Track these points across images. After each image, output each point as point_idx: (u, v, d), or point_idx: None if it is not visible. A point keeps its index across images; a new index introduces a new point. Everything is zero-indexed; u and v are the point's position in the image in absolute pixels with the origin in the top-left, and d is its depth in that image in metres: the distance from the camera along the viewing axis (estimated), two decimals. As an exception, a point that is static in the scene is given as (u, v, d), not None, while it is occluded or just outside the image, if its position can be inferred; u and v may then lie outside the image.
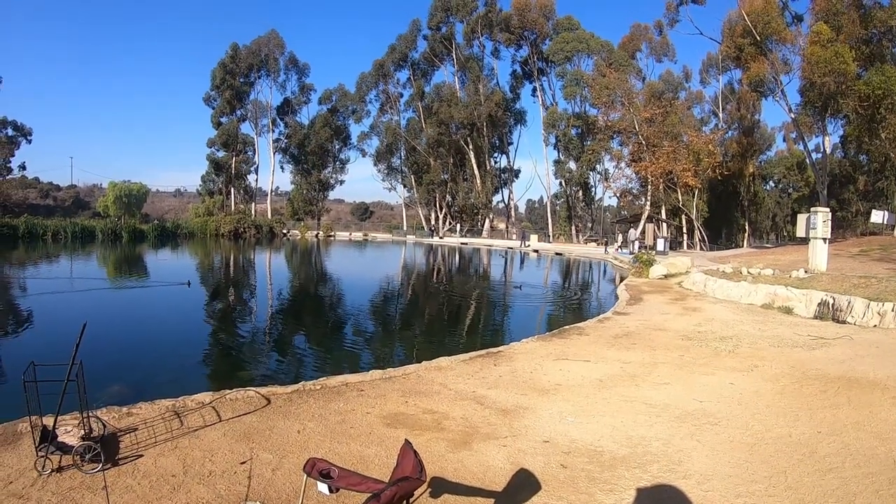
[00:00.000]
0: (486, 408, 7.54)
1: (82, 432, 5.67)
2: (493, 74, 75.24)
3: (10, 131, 64.03)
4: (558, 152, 68.77)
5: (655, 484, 5.34)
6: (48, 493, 4.88)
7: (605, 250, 50.48)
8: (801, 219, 19.48)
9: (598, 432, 6.68)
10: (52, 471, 5.22)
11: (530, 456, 6.01)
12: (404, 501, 3.24)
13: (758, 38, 44.87)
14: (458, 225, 75.06)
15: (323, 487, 3.44)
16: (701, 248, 52.62)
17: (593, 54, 62.84)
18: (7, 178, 64.29)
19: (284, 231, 75.87)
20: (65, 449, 5.37)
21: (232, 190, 78.75)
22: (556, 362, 10.06)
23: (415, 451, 3.40)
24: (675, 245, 51.65)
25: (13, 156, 64.59)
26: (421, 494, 5.03)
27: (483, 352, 11.06)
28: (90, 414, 5.81)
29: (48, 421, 5.51)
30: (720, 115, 64.94)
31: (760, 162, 66.41)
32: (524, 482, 5.43)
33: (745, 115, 59.38)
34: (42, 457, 5.20)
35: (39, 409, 5.38)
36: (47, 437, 5.30)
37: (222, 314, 20.66)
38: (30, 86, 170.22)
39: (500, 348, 11.51)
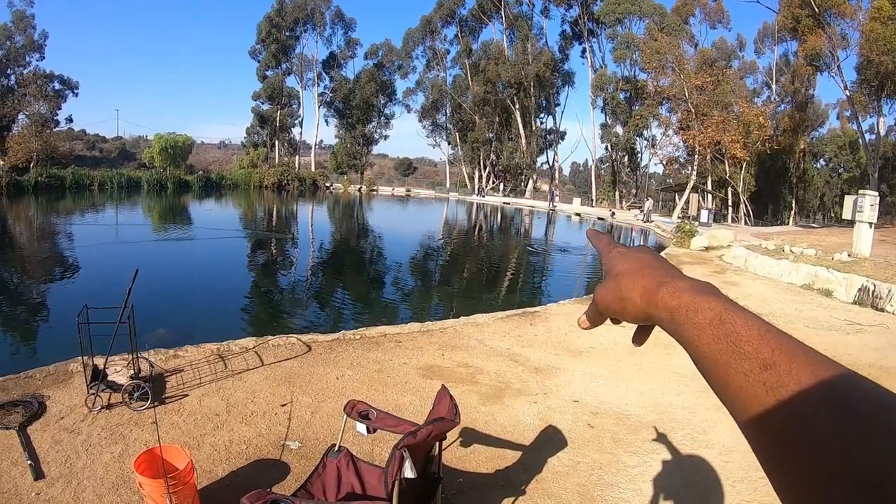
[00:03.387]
0: (520, 365, 7.70)
1: (131, 372, 5.93)
2: (542, 34, 73.86)
3: (56, 85, 64.46)
4: (605, 116, 67.66)
5: (678, 450, 5.46)
6: (98, 428, 5.15)
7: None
8: (849, 200, 19.05)
9: (626, 396, 6.80)
10: (102, 408, 5.48)
11: (559, 414, 6.16)
12: (437, 442, 3.41)
13: (816, 9, 43.58)
14: (502, 184, 74.63)
15: (361, 428, 3.61)
16: (745, 223, 51.75)
17: (645, 17, 61.43)
18: (54, 130, 64.81)
19: (327, 184, 75.94)
20: (115, 387, 5.63)
21: (276, 142, 78.86)
22: (591, 325, 10.15)
23: (450, 396, 3.55)
24: (718, 218, 50.82)
25: (60, 109, 64.84)
26: (454, 441, 5.22)
27: (520, 311, 11.19)
28: (139, 355, 6.04)
29: (98, 361, 5.74)
30: (773, 87, 62.95)
31: (812, 139, 64.14)
32: (551, 438, 5.59)
33: (799, 88, 57.57)
34: (93, 394, 5.45)
35: (91, 350, 5.62)
36: (98, 376, 5.54)
37: (266, 265, 21.03)
38: (76, 40, 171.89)
39: (537, 308, 11.61)
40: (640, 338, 0.76)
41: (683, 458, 5.33)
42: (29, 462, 4.52)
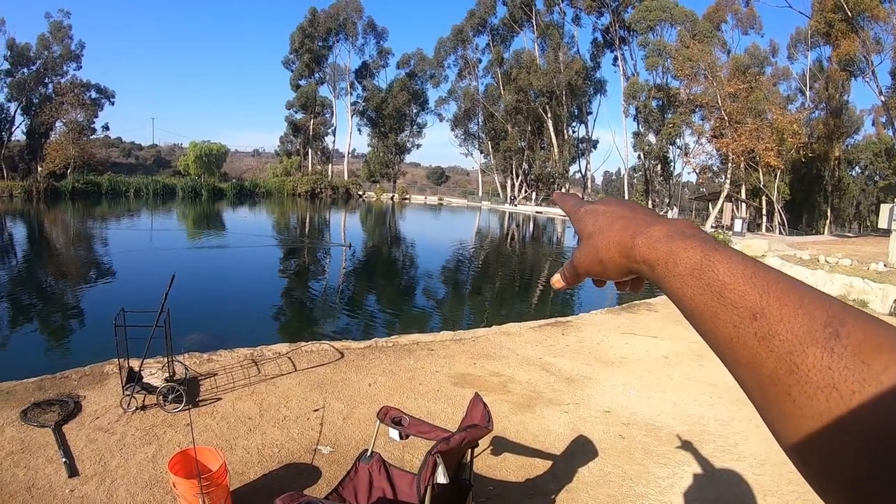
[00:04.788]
0: (552, 374, 7.68)
1: (166, 375, 6.01)
2: (574, 42, 73.50)
3: (93, 94, 65.66)
4: (638, 124, 67.12)
5: (710, 463, 5.42)
6: (132, 429, 5.24)
7: None
8: (884, 209, 18.80)
9: (658, 407, 6.76)
10: (137, 409, 5.58)
11: (590, 424, 6.14)
12: (470, 449, 3.43)
13: (849, 13, 43.06)
14: (534, 193, 74.48)
15: (394, 434, 3.64)
16: (780, 232, 51.07)
17: (677, 24, 60.89)
18: (91, 138, 66.00)
19: (360, 193, 76.45)
20: (150, 389, 5.72)
21: (309, 151, 79.31)
22: (623, 336, 10.12)
23: (484, 403, 3.58)
24: (752, 227, 50.28)
25: (97, 117, 66.11)
26: (485, 449, 5.23)
27: (552, 320, 11.16)
28: (174, 358, 6.12)
29: (134, 363, 5.83)
30: (807, 93, 61.90)
31: (847, 146, 62.68)
32: (582, 448, 5.58)
33: (834, 94, 56.64)
34: (128, 395, 5.54)
35: (127, 352, 5.71)
36: (133, 378, 5.63)
37: (298, 272, 21.17)
38: (112, 50, 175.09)
39: (569, 318, 11.59)
40: (637, 286, 0.70)
41: (715, 471, 5.29)
42: (64, 459, 4.61)
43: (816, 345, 0.41)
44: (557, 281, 0.78)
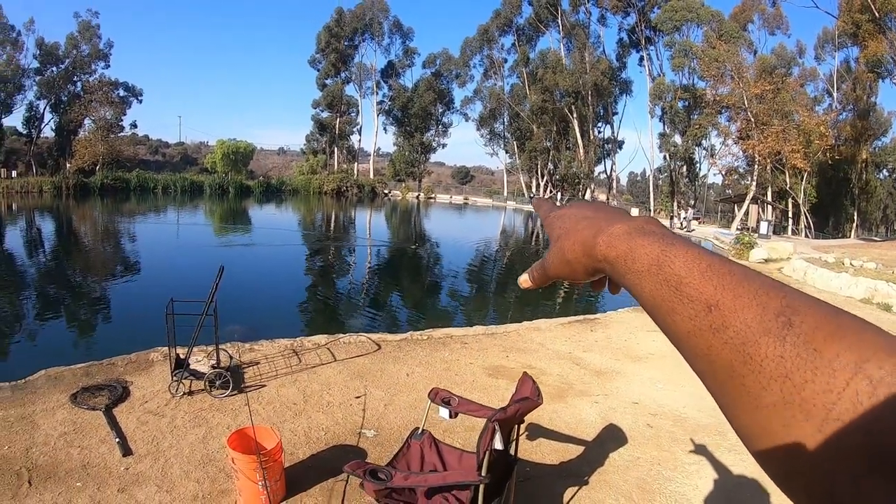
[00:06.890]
0: (581, 368, 7.89)
1: (212, 362, 6.27)
2: (600, 42, 73.09)
3: (121, 92, 66.65)
4: (664, 125, 66.64)
5: (733, 451, 5.59)
6: (181, 412, 5.52)
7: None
8: (911, 213, 18.79)
9: (684, 400, 6.94)
10: (184, 394, 5.87)
11: (620, 414, 6.36)
12: (517, 426, 3.67)
13: (876, 14, 42.61)
14: (559, 193, 74.14)
15: (444, 412, 3.88)
16: (806, 235, 50.64)
17: (703, 24, 60.36)
18: (119, 135, 67.02)
19: (385, 191, 76.77)
20: (197, 375, 5.98)
21: (335, 150, 79.83)
22: (650, 333, 10.26)
23: (533, 380, 3.81)
24: (778, 229, 49.93)
25: (125, 115, 67.17)
26: (521, 434, 5.45)
27: (580, 317, 11.38)
28: (219, 346, 6.38)
29: (180, 351, 6.11)
30: (834, 94, 61.21)
31: (875, 148, 61.81)
32: (612, 435, 5.80)
33: (861, 96, 55.89)
34: (176, 381, 5.82)
35: (174, 340, 5.99)
36: (181, 365, 5.91)
37: (327, 270, 21.44)
38: (141, 49, 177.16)
39: (597, 315, 11.80)
40: (615, 287, 0.68)
41: (738, 458, 5.44)
42: (117, 440, 4.86)
43: (769, 335, 0.41)
44: (525, 281, 0.77)
